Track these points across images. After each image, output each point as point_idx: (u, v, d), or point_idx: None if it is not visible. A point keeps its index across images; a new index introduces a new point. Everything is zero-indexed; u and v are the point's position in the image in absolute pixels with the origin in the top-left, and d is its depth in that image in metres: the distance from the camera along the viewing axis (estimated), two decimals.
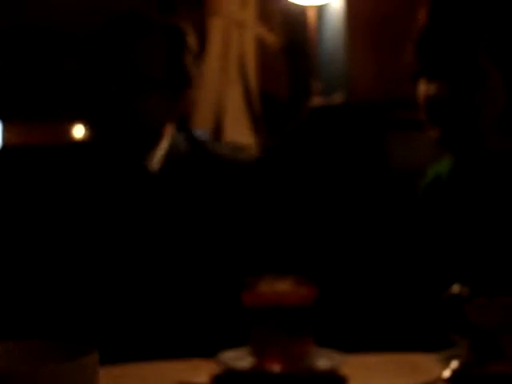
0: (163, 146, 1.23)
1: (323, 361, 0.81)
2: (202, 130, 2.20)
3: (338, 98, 1.80)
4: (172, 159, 1.23)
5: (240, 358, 0.79)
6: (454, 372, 0.79)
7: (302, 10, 2.14)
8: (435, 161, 1.41)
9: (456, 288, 0.88)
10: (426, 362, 0.90)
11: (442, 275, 1.21)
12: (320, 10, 2.12)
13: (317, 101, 1.80)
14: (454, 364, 0.80)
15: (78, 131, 7.07)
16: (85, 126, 1.31)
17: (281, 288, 0.79)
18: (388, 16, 1.92)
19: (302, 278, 0.82)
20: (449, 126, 1.15)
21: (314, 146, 1.71)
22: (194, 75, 1.27)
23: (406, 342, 1.18)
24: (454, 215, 1.28)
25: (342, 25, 1.93)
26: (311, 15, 1.96)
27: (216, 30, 2.51)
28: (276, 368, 0.78)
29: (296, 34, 2.33)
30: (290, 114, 2.19)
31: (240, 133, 2.14)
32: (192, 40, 1.27)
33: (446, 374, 0.79)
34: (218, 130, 2.24)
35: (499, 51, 1.13)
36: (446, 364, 0.81)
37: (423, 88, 1.20)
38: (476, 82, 1.14)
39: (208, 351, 0.86)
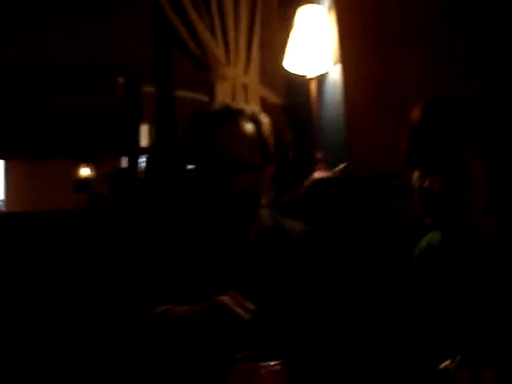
0: (257, 219, 1.53)
1: None
2: None
3: (341, 168, 1.97)
4: (261, 231, 1.53)
5: None
6: None
7: (303, 80, 2.32)
8: (429, 231, 1.59)
9: (447, 362, 1.02)
10: None
11: (433, 342, 1.37)
12: (320, 81, 2.30)
13: (321, 170, 1.97)
14: None
15: (81, 169, 7.25)
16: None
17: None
18: (386, 88, 2.10)
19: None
20: (440, 216, 1.34)
21: (318, 215, 1.87)
22: (273, 155, 1.55)
23: None
24: (446, 283, 1.44)
25: (341, 97, 2.11)
26: (313, 87, 2.14)
27: (223, 91, 2.72)
28: None
29: (298, 101, 2.52)
30: (293, 181, 2.35)
31: None
32: (268, 127, 1.55)
33: None
34: None
35: (483, 150, 1.32)
36: None
37: (417, 179, 1.39)
38: (462, 176, 1.32)
39: None
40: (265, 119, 1.55)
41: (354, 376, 1.50)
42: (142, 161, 5.52)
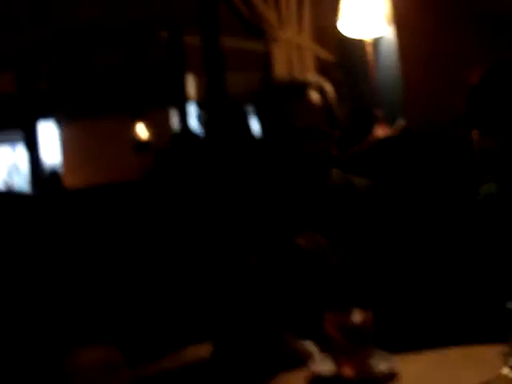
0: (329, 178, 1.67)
1: (383, 363, 1.10)
2: None
3: (399, 126, 2.08)
4: (333, 187, 1.68)
5: (325, 364, 1.16)
6: None
7: (357, 39, 2.41)
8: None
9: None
10: (490, 355, 1.03)
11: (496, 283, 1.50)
12: (375, 41, 2.39)
13: (381, 127, 2.09)
14: None
15: (138, 129, 7.34)
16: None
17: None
18: (441, 47, 2.17)
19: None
20: (499, 173, 1.47)
21: (380, 170, 2.00)
22: (340, 120, 1.68)
23: (472, 336, 1.41)
24: (503, 230, 1.57)
25: (395, 56, 2.20)
26: (368, 48, 2.23)
27: (278, 53, 2.84)
28: (350, 372, 1.11)
29: (352, 59, 2.62)
30: (353, 138, 2.46)
31: None
32: (332, 93, 1.66)
33: (505, 370, 0.97)
34: None
35: None
36: (507, 360, 0.97)
37: (476, 138, 1.51)
38: None
39: None
40: (329, 87, 1.68)
41: (425, 318, 1.66)
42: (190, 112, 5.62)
